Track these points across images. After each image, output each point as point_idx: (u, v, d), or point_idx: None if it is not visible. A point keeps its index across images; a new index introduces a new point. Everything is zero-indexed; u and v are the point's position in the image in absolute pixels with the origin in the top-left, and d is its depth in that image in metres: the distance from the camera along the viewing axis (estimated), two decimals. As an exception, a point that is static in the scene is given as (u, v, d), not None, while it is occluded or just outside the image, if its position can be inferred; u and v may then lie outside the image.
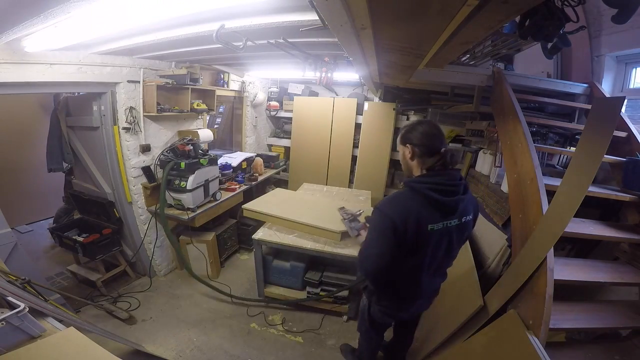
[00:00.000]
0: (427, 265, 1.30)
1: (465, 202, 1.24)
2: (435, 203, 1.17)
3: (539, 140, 2.43)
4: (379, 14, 0.91)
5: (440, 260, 1.34)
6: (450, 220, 1.23)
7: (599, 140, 1.42)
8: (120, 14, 1.36)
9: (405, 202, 1.19)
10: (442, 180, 1.18)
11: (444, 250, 1.30)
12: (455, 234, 1.28)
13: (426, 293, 1.49)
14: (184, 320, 2.43)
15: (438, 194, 1.16)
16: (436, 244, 1.25)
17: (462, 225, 1.28)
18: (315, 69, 2.36)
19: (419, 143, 1.22)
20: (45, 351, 1.02)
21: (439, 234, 1.22)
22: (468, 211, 1.30)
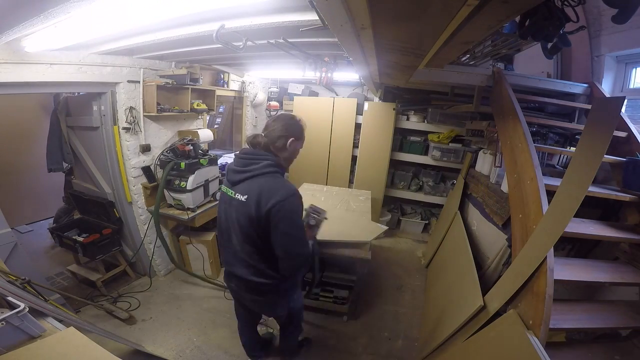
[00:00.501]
0: None
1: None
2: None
3: (539, 140, 2.43)
4: (379, 13, 0.91)
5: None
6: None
7: (599, 140, 1.43)
8: (120, 14, 1.36)
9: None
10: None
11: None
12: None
13: None
14: (184, 320, 2.42)
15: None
16: None
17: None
18: (315, 69, 2.36)
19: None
20: (45, 351, 1.02)
21: None
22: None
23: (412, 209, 4.41)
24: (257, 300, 1.56)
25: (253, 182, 1.30)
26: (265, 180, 1.30)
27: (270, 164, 1.31)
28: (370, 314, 2.60)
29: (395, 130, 3.70)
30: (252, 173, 1.31)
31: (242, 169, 1.33)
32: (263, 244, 1.34)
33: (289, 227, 1.28)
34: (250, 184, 1.30)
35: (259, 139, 1.36)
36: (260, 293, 1.50)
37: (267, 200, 1.25)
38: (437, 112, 3.55)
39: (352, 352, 2.22)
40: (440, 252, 3.00)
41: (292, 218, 1.29)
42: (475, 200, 2.80)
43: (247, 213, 1.29)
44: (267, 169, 1.30)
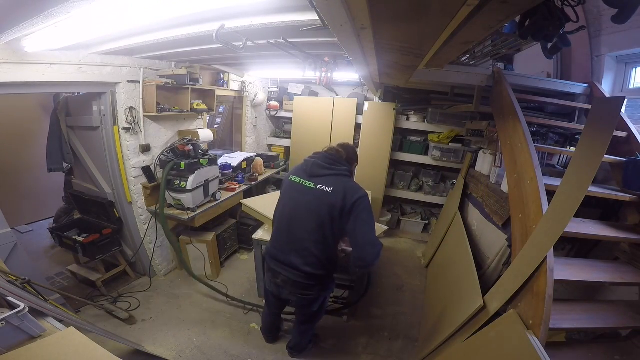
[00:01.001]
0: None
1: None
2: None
3: (539, 140, 2.43)
4: (379, 13, 0.91)
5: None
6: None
7: (599, 140, 1.43)
8: (120, 14, 1.36)
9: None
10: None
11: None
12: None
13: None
14: (184, 320, 2.42)
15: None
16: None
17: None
18: (315, 69, 2.36)
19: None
20: (45, 351, 1.02)
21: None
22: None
23: (412, 209, 4.41)
24: (301, 294, 1.67)
25: (337, 179, 1.54)
26: (347, 180, 1.57)
27: (349, 170, 1.63)
28: (370, 313, 2.60)
29: (395, 130, 3.70)
30: (337, 172, 1.56)
31: (328, 166, 1.58)
32: (333, 234, 1.54)
33: (369, 217, 1.49)
34: (334, 180, 1.54)
35: (342, 152, 1.65)
36: (305, 287, 1.63)
37: (353, 194, 1.48)
38: (437, 112, 3.55)
39: (352, 352, 2.22)
40: (440, 252, 3.00)
41: (370, 211, 1.52)
42: (475, 200, 2.80)
43: (330, 203, 1.49)
44: (347, 172, 1.60)
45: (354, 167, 1.72)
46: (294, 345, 2.10)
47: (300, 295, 1.67)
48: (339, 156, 1.63)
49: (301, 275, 1.59)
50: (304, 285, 1.62)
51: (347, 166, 1.62)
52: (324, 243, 1.55)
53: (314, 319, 1.92)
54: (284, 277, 1.64)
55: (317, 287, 1.65)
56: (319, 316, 1.93)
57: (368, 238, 1.47)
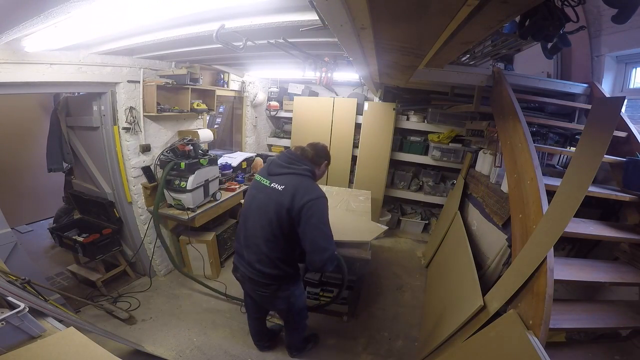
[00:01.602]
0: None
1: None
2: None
3: (539, 140, 2.43)
4: (379, 13, 0.91)
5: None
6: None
7: (599, 140, 1.43)
8: (120, 14, 1.36)
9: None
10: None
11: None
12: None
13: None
14: (184, 320, 2.42)
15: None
16: None
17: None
18: (315, 69, 2.36)
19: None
20: (45, 351, 1.02)
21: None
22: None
23: (412, 209, 4.41)
24: (258, 291, 1.66)
25: (292, 178, 1.50)
26: (302, 180, 1.51)
27: (309, 170, 1.57)
28: (370, 314, 2.60)
29: (395, 130, 3.70)
30: (293, 171, 1.52)
31: (285, 164, 1.55)
32: (283, 233, 1.50)
33: (320, 222, 1.44)
34: (288, 179, 1.50)
35: (308, 151, 1.61)
36: (261, 284, 1.62)
37: (302, 195, 1.43)
38: (437, 112, 3.55)
39: (352, 352, 2.22)
40: (440, 252, 3.00)
41: (322, 215, 1.46)
42: (475, 200, 2.80)
43: (279, 201, 1.46)
44: (306, 172, 1.54)
45: (322, 166, 1.67)
46: (288, 345, 2.12)
47: (258, 292, 1.67)
48: (303, 155, 1.59)
49: (254, 272, 1.58)
50: (258, 283, 1.61)
51: (309, 165, 1.57)
52: (274, 242, 1.52)
53: (291, 317, 1.86)
54: (241, 272, 1.66)
55: (273, 286, 1.62)
56: (295, 315, 1.84)
57: (316, 244, 1.44)
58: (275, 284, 1.61)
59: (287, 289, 1.67)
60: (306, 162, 1.57)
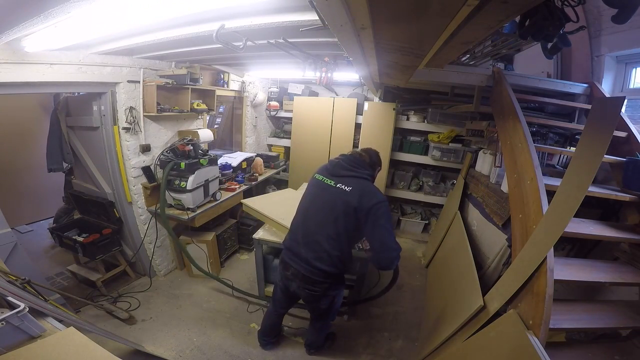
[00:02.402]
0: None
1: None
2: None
3: (539, 140, 2.43)
4: (379, 14, 0.91)
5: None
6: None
7: (599, 140, 1.43)
8: (120, 14, 1.36)
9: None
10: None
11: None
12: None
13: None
14: (184, 320, 2.42)
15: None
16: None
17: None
18: (315, 69, 2.36)
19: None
20: (45, 351, 1.02)
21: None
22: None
23: (412, 209, 4.41)
24: (309, 288, 1.69)
25: (357, 181, 1.59)
26: (366, 183, 1.60)
27: (370, 175, 1.67)
28: (370, 314, 2.60)
29: (395, 130, 3.70)
30: (357, 174, 1.61)
31: (350, 167, 1.63)
32: (347, 231, 1.57)
33: (387, 223, 1.52)
34: (354, 181, 1.59)
35: (365, 156, 1.71)
36: (314, 282, 1.66)
37: (370, 198, 1.51)
38: (437, 112, 3.55)
39: (352, 352, 2.22)
40: (440, 252, 3.00)
41: (389, 217, 1.55)
42: (475, 200, 2.80)
43: (346, 200, 1.54)
44: (368, 176, 1.64)
45: (376, 171, 1.75)
46: (311, 343, 2.12)
47: (308, 291, 1.69)
48: (362, 160, 1.68)
49: (310, 269, 1.62)
50: (312, 280, 1.65)
51: (369, 170, 1.67)
52: (336, 239, 1.58)
53: (326, 316, 1.92)
54: (294, 269, 1.68)
55: (325, 284, 1.66)
56: (330, 314, 1.91)
57: (385, 244, 1.50)
58: (328, 282, 1.67)
59: (337, 287, 1.75)
60: (367, 167, 1.67)
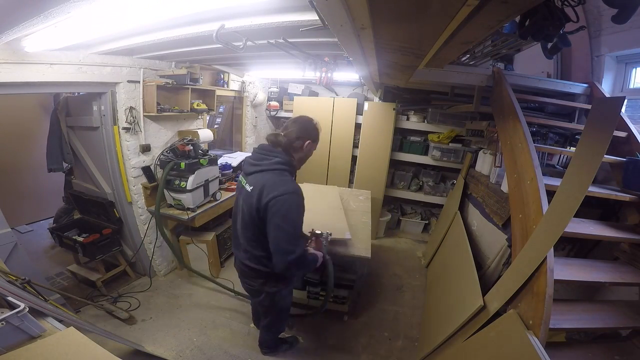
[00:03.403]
0: None
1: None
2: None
3: (539, 140, 2.43)
4: (379, 14, 0.91)
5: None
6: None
7: (599, 140, 1.43)
8: (120, 14, 1.36)
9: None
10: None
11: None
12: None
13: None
14: (184, 320, 2.42)
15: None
16: None
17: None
18: (315, 69, 2.36)
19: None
20: (45, 351, 1.02)
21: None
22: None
23: (412, 209, 4.41)
24: (247, 283, 1.73)
25: (261, 176, 1.42)
26: (270, 176, 1.40)
27: (280, 162, 1.42)
28: (370, 313, 2.60)
29: (395, 130, 3.69)
30: (262, 167, 1.43)
31: (255, 162, 1.47)
32: (261, 233, 1.44)
33: (282, 221, 1.34)
34: (258, 177, 1.42)
35: (280, 138, 1.46)
36: (250, 277, 1.67)
37: (267, 193, 1.34)
38: (437, 112, 3.55)
39: (352, 352, 2.22)
40: (440, 252, 3.00)
41: (286, 214, 1.34)
42: (475, 200, 2.80)
43: (250, 202, 1.41)
44: (276, 165, 1.42)
45: (305, 147, 1.49)
46: (261, 342, 2.14)
47: (247, 285, 1.73)
48: (276, 143, 1.46)
49: (243, 266, 1.65)
50: (247, 275, 1.67)
51: (282, 156, 1.43)
52: (256, 240, 1.49)
53: (271, 315, 1.88)
54: (237, 265, 1.73)
55: (260, 280, 1.64)
56: (275, 314, 1.86)
57: (277, 245, 1.36)
58: (262, 279, 1.64)
59: (275, 286, 1.66)
60: (278, 153, 1.44)
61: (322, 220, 2.38)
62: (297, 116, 1.56)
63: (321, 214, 2.50)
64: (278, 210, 1.33)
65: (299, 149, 1.50)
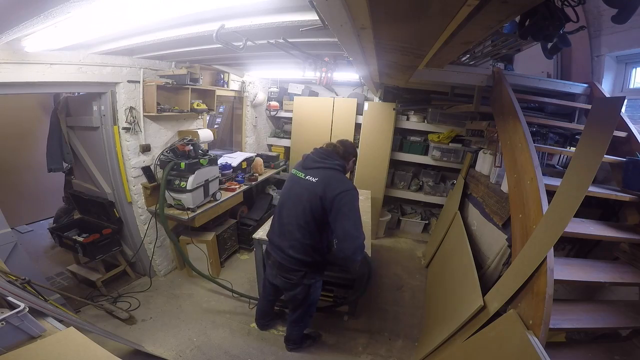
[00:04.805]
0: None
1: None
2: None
3: (539, 140, 2.43)
4: (379, 14, 0.91)
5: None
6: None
7: (599, 140, 1.43)
8: (120, 14, 1.36)
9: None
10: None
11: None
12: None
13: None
14: (184, 320, 2.42)
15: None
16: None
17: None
18: (315, 69, 2.36)
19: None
20: (45, 351, 1.02)
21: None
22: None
23: (412, 209, 4.41)
24: (285, 276, 1.78)
25: (324, 172, 1.65)
26: (334, 173, 1.65)
27: (340, 165, 1.71)
28: (370, 314, 2.60)
29: (395, 130, 3.70)
30: (326, 165, 1.67)
31: (319, 159, 1.69)
32: (315, 220, 1.62)
33: (351, 212, 1.54)
34: (322, 172, 1.65)
35: (339, 147, 1.76)
36: (290, 270, 1.74)
37: (335, 186, 1.56)
38: (437, 112, 3.55)
39: (352, 352, 2.22)
40: (440, 252, 3.00)
41: (354, 205, 1.56)
42: (475, 200, 2.80)
43: (313, 191, 1.60)
44: (337, 167, 1.68)
45: (350, 162, 1.80)
46: (287, 337, 2.16)
47: (284, 278, 1.79)
48: (335, 151, 1.74)
49: (285, 257, 1.72)
50: (287, 268, 1.74)
51: (340, 161, 1.71)
52: (307, 229, 1.65)
53: (301, 309, 1.94)
54: (273, 258, 1.80)
55: (300, 272, 1.73)
56: (306, 307, 1.93)
57: (348, 231, 1.52)
58: (303, 271, 1.73)
59: (313, 277, 1.78)
60: (337, 158, 1.71)
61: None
62: (342, 139, 1.84)
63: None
64: (347, 202, 1.53)
65: (348, 161, 1.79)
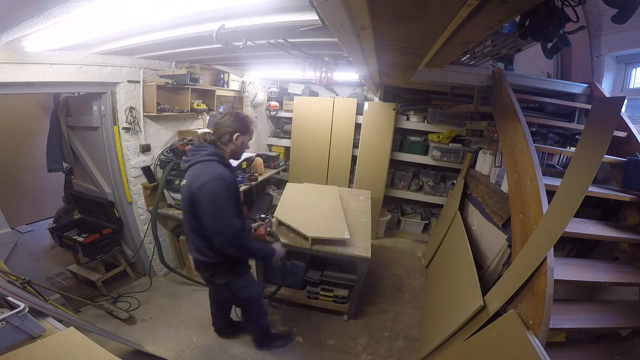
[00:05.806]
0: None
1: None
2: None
3: (539, 140, 2.43)
4: (379, 14, 0.91)
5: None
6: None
7: (599, 140, 1.43)
8: (120, 14, 1.36)
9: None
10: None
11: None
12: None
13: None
14: (184, 320, 2.42)
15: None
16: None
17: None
18: (315, 69, 2.36)
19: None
20: (45, 351, 1.02)
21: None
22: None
23: (412, 209, 4.41)
24: (203, 276, 1.79)
25: (192, 169, 1.52)
26: (198, 167, 1.49)
27: (207, 153, 1.51)
28: (370, 313, 2.60)
29: (395, 130, 3.69)
30: (192, 161, 1.53)
31: (189, 158, 1.56)
32: (196, 221, 1.52)
33: (210, 206, 1.44)
34: (189, 172, 1.53)
35: (207, 136, 1.57)
36: (199, 269, 1.75)
37: (195, 184, 1.45)
38: (437, 112, 3.55)
39: (352, 352, 2.22)
40: (440, 252, 3.00)
41: (212, 199, 1.43)
42: (475, 200, 2.80)
43: (186, 194, 1.51)
44: (203, 157, 1.50)
45: (235, 140, 1.55)
46: (253, 338, 2.15)
47: (202, 277, 1.82)
48: (204, 140, 1.57)
49: (194, 260, 1.71)
50: (197, 268, 1.76)
51: (210, 149, 1.52)
52: (195, 231, 1.58)
53: (242, 308, 1.98)
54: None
55: (207, 272, 1.71)
56: (244, 306, 1.94)
57: (212, 227, 1.46)
58: (208, 271, 1.70)
59: (224, 277, 1.70)
60: (206, 147, 1.53)
61: (321, 220, 2.39)
62: (225, 112, 1.67)
63: (320, 214, 2.50)
64: (204, 197, 1.42)
65: (228, 142, 1.57)
